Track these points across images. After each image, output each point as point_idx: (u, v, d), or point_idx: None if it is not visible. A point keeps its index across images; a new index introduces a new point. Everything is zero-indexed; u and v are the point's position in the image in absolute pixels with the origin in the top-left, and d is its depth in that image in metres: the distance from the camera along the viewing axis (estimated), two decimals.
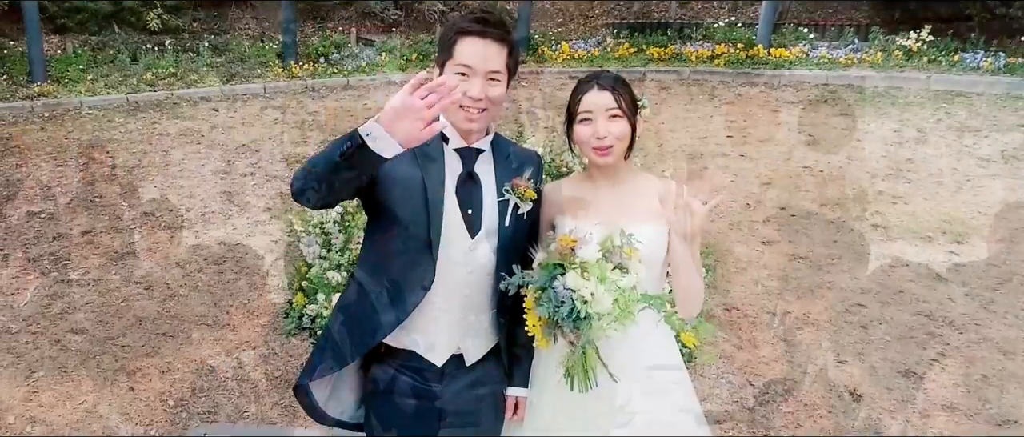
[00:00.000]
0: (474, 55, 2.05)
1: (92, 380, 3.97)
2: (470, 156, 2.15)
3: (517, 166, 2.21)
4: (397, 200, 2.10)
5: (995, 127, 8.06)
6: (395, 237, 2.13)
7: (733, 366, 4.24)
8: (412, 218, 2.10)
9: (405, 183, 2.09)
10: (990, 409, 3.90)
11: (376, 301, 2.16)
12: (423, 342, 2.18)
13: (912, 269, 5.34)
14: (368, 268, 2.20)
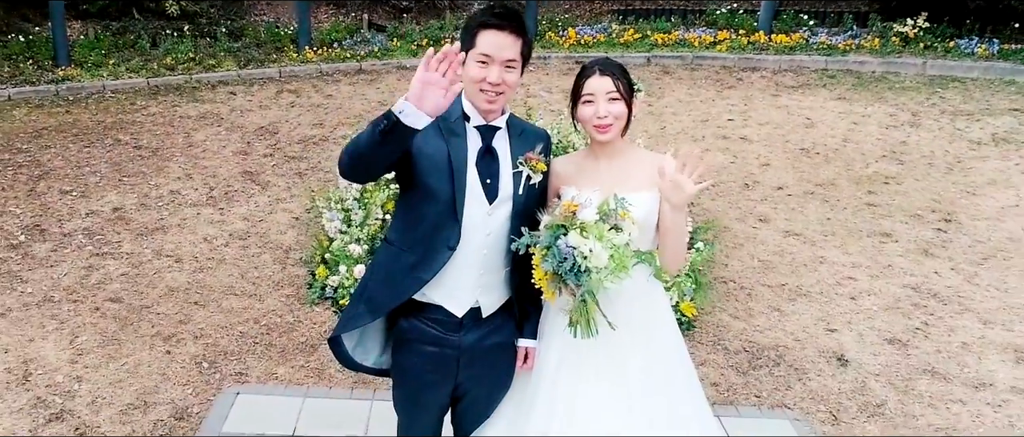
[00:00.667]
0: (493, 45, 2.28)
1: (131, 344, 4.23)
2: (489, 133, 2.38)
3: (529, 142, 2.44)
4: (426, 171, 2.33)
5: (987, 111, 8.24)
6: (424, 203, 2.36)
7: (729, 334, 4.47)
8: (438, 186, 2.33)
9: (433, 156, 2.32)
10: (967, 373, 4.13)
11: (408, 260, 2.39)
12: (446, 296, 2.42)
13: (901, 245, 5.56)
14: (400, 232, 2.44)
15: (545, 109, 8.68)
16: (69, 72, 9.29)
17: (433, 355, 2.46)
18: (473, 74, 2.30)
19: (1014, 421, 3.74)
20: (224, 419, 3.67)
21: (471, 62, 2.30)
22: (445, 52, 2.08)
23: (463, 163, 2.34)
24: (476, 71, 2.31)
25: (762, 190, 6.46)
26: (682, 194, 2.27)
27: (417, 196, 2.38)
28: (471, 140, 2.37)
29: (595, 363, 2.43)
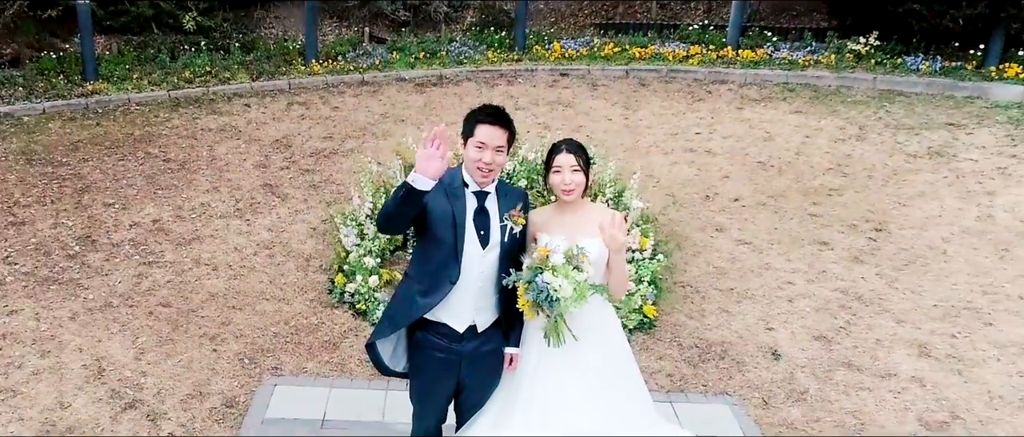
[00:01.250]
0: (487, 135, 2.99)
1: (183, 343, 4.91)
2: (482, 196, 3.08)
3: (512, 201, 3.14)
4: (435, 224, 3.03)
5: (926, 125, 8.96)
6: (433, 248, 3.07)
7: (684, 332, 5.19)
8: (444, 236, 3.04)
9: (440, 213, 3.02)
10: (877, 365, 4.87)
11: (420, 289, 3.10)
12: (450, 316, 3.12)
13: (836, 252, 6.28)
14: (415, 268, 3.15)
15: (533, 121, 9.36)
16: (97, 86, 9.86)
17: (441, 359, 3.17)
18: (472, 155, 3.00)
19: (908, 405, 4.47)
20: (266, 406, 4.36)
21: (471, 146, 3.00)
22: (435, 133, 2.79)
23: (463, 219, 3.04)
24: (474, 153, 3.00)
25: (721, 201, 7.17)
26: (616, 243, 2.98)
27: (428, 242, 3.09)
28: (469, 202, 3.07)
29: (564, 362, 3.14)
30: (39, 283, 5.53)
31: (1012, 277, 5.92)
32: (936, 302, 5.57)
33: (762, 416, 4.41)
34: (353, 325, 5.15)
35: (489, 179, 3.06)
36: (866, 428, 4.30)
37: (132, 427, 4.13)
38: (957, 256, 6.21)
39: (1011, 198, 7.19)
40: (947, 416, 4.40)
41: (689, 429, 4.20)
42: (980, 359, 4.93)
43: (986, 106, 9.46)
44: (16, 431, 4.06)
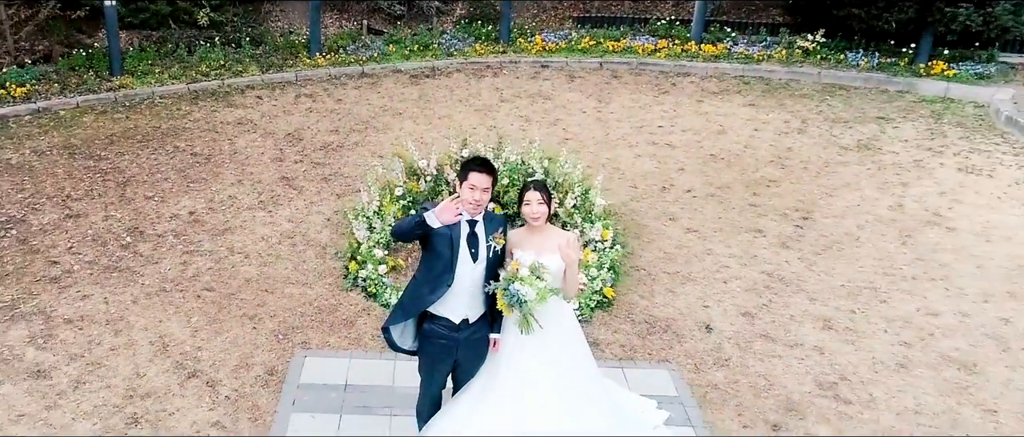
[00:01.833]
0: (477, 180, 3.89)
1: (228, 322, 5.82)
2: (473, 223, 3.99)
3: (495, 226, 4.04)
4: (437, 242, 3.94)
5: (859, 119, 9.87)
6: (435, 259, 3.98)
7: (636, 310, 6.14)
8: (443, 252, 3.95)
9: (442, 235, 3.93)
10: (789, 337, 5.84)
11: (425, 290, 4.02)
12: (448, 311, 4.05)
13: (768, 239, 7.23)
14: (422, 273, 4.07)
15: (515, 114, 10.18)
16: (123, 81, 10.57)
17: (443, 345, 4.11)
18: (465, 194, 3.90)
19: (808, 370, 5.46)
20: (299, 374, 5.30)
21: (465, 187, 3.90)
22: (455, 201, 3.70)
23: (458, 240, 3.96)
24: (467, 193, 3.90)
25: (675, 193, 8.08)
26: (569, 259, 3.91)
27: (432, 255, 4.00)
28: (463, 227, 3.97)
29: (534, 343, 4.08)
30: (102, 271, 6.39)
31: (910, 260, 6.90)
32: (843, 282, 6.55)
33: (693, 379, 5.38)
34: (366, 306, 6.06)
35: (478, 211, 3.97)
36: (773, 388, 5.29)
37: (196, 392, 5.06)
38: (867, 242, 7.18)
39: (921, 189, 8.14)
40: (837, 378, 5.39)
41: (635, 390, 5.20)
42: (871, 331, 5.92)
43: (914, 100, 10.37)
44: (104, 398, 4.98)
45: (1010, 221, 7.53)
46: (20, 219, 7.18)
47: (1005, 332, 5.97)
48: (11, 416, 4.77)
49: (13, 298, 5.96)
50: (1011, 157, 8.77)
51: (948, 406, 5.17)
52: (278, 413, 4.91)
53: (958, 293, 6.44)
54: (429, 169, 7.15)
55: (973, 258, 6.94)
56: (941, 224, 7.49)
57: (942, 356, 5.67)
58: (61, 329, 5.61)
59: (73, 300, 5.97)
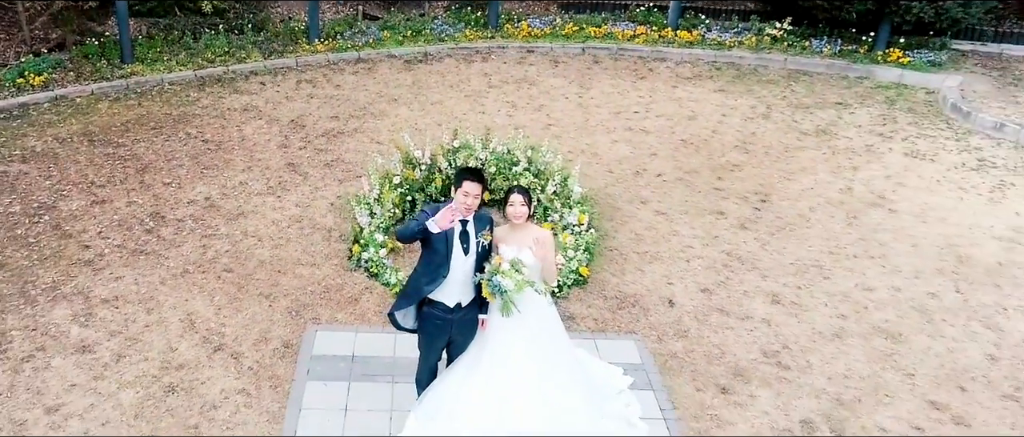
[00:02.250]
0: (469, 188, 4.47)
1: (247, 301, 6.40)
2: (465, 223, 4.57)
3: (483, 225, 4.63)
4: (435, 240, 4.53)
5: (820, 104, 10.43)
6: (432, 254, 4.57)
7: (608, 287, 6.77)
8: (440, 248, 4.54)
9: (439, 234, 4.51)
10: (741, 310, 6.49)
11: (424, 280, 4.62)
12: (444, 297, 4.65)
13: (728, 221, 7.85)
14: (421, 266, 4.66)
15: (503, 100, 10.68)
16: (135, 68, 10.98)
17: (440, 324, 4.73)
18: (459, 199, 4.48)
19: (756, 340, 6.12)
20: (312, 347, 5.91)
21: (459, 193, 4.48)
22: (451, 210, 4.26)
23: (452, 238, 4.54)
24: (461, 198, 4.48)
25: (647, 177, 8.66)
26: (542, 254, 4.50)
27: (430, 251, 4.59)
28: (456, 227, 4.56)
29: (514, 323, 4.69)
30: (130, 254, 6.95)
31: (853, 240, 7.54)
32: (793, 261, 7.19)
33: (656, 348, 6.03)
34: (368, 285, 6.66)
35: (469, 213, 4.55)
36: (724, 356, 5.94)
37: (223, 364, 5.67)
38: (817, 223, 7.81)
39: (870, 173, 8.76)
40: (780, 347, 6.06)
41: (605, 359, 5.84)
42: (813, 305, 6.58)
43: (871, 86, 10.93)
44: (143, 369, 5.58)
45: (946, 203, 8.17)
46: (51, 205, 7.69)
47: (930, 305, 6.64)
48: (64, 386, 5.37)
49: (54, 280, 6.51)
50: (953, 142, 9.38)
51: (873, 371, 5.85)
52: (295, 381, 5.53)
53: (893, 270, 7.10)
54: (424, 159, 7.69)
55: (909, 238, 7.59)
56: (884, 206, 8.12)
57: (873, 327, 6.34)
58: (99, 308, 6.19)
59: (107, 281, 6.54)
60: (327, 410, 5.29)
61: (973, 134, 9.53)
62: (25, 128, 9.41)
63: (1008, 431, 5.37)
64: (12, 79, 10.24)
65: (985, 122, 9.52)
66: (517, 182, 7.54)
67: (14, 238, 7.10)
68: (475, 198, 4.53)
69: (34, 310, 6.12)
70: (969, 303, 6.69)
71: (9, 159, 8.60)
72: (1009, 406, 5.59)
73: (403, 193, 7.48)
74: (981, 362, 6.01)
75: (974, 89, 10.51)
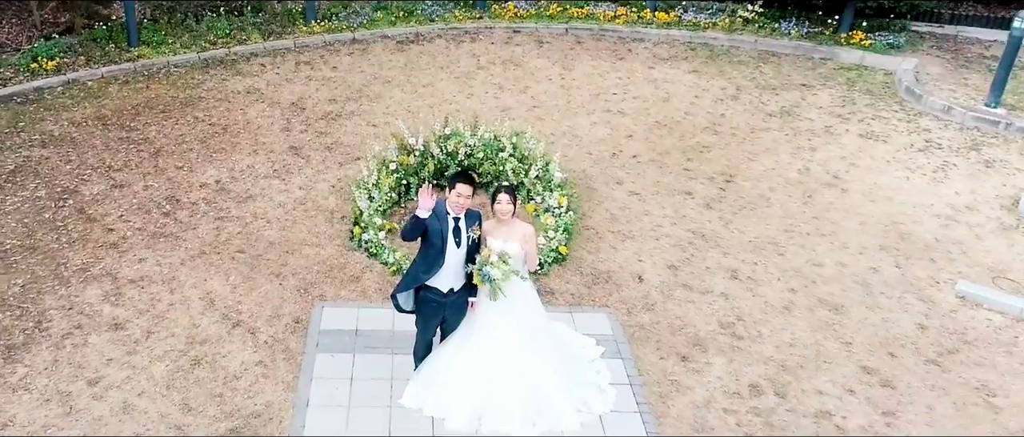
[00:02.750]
0: (461, 189, 5.00)
1: (259, 280, 6.91)
2: (457, 219, 5.09)
3: (472, 220, 5.14)
4: (432, 236, 5.06)
5: (785, 86, 10.87)
6: (429, 247, 5.11)
7: (584, 264, 7.31)
8: (436, 242, 5.07)
9: (435, 230, 5.04)
10: (702, 285, 7.05)
11: (422, 268, 5.16)
12: (440, 283, 5.19)
13: (695, 200, 8.36)
14: (420, 258, 5.20)
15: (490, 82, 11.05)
16: (141, 52, 11.23)
17: (435, 306, 5.29)
18: (452, 200, 5.00)
19: (714, 312, 6.70)
20: (320, 322, 6.45)
21: (452, 194, 5.00)
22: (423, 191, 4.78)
23: (446, 232, 5.07)
24: (454, 198, 5.00)
25: (623, 158, 9.13)
26: (528, 250, 5.03)
27: (427, 244, 5.13)
28: (450, 223, 5.08)
29: (500, 305, 5.24)
30: (151, 237, 7.41)
31: (808, 219, 8.09)
32: (752, 238, 7.74)
33: (625, 320, 6.60)
34: (368, 264, 7.17)
35: (461, 211, 5.08)
36: (685, 327, 6.53)
37: (241, 338, 6.20)
38: (776, 202, 8.34)
39: (826, 154, 9.27)
40: (735, 319, 6.65)
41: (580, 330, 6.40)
42: (767, 280, 7.16)
43: (834, 68, 11.36)
44: (171, 344, 6.11)
45: (893, 183, 8.72)
46: (74, 190, 8.11)
47: (871, 279, 7.24)
48: (102, 360, 5.90)
49: (83, 262, 6.99)
50: (904, 124, 9.89)
51: (816, 340, 6.46)
52: (306, 354, 6.09)
53: (841, 246, 7.67)
54: (417, 146, 8.14)
55: (858, 216, 8.15)
56: (838, 186, 8.66)
57: (819, 300, 6.94)
58: (127, 288, 6.69)
59: (132, 263, 7.02)
60: (335, 379, 5.85)
61: (923, 116, 10.02)
62: (42, 112, 9.73)
63: (928, 392, 6.01)
64: (26, 63, 10.52)
65: (935, 105, 10.01)
66: (504, 167, 8.03)
67: (43, 222, 7.54)
68: (467, 198, 5.04)
69: (68, 291, 6.61)
70: (906, 277, 7.29)
71: (30, 144, 8.96)
72: (931, 370, 6.22)
73: (399, 178, 7.94)
74: (911, 331, 6.63)
75: (928, 71, 10.96)
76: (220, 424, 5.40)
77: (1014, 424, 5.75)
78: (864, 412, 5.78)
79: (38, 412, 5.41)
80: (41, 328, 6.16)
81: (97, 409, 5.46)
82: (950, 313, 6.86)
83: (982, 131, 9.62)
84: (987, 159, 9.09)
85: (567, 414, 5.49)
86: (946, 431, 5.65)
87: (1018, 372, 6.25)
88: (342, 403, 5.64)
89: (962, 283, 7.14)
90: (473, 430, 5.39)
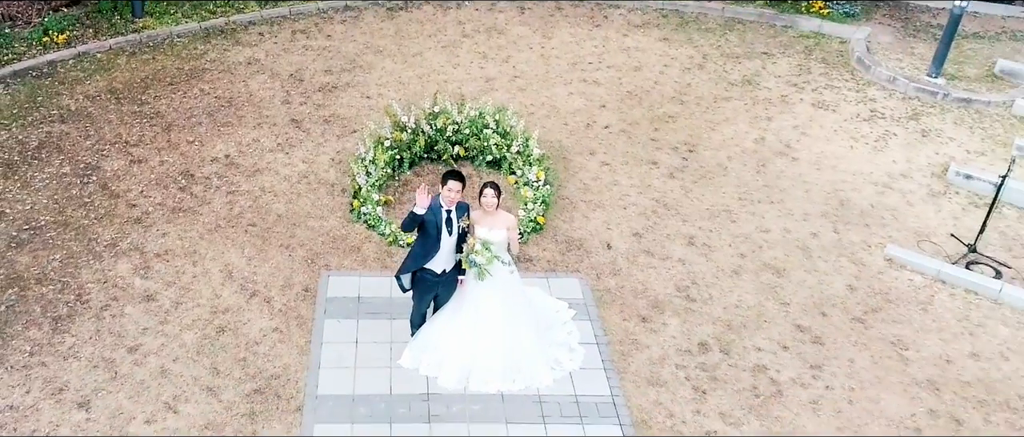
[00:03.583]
0: (453, 185, 5.51)
1: (271, 251, 7.40)
2: (450, 211, 5.61)
3: (462, 212, 5.66)
4: (429, 227, 5.59)
5: (749, 54, 11.18)
6: (426, 235, 5.65)
7: (559, 232, 7.84)
8: (432, 231, 5.61)
9: (432, 221, 5.58)
10: (663, 251, 7.63)
11: (420, 252, 5.71)
12: (435, 265, 5.76)
13: (659, 170, 8.85)
14: (417, 244, 5.75)
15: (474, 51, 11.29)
16: (145, 23, 11.33)
17: (429, 284, 5.88)
18: (444, 194, 5.51)
19: (671, 277, 7.30)
20: (327, 290, 7.00)
21: (445, 189, 5.50)
22: (420, 191, 5.27)
23: (440, 223, 5.60)
24: (446, 193, 5.51)
25: (596, 129, 9.54)
26: (513, 234, 5.57)
27: (424, 235, 5.67)
28: (442, 214, 5.59)
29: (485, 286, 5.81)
30: (170, 212, 7.85)
31: (760, 187, 8.62)
32: (708, 206, 8.28)
33: (594, 285, 7.20)
34: (367, 235, 7.67)
35: (452, 204, 5.61)
36: (646, 291, 7.14)
37: (259, 306, 6.75)
38: (732, 171, 8.85)
39: (781, 123, 9.72)
40: (689, 283, 7.26)
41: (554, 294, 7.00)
42: (720, 246, 7.74)
43: (793, 36, 11.66)
44: (197, 314, 6.65)
45: (838, 151, 9.22)
46: (96, 166, 8.47)
47: (811, 244, 7.84)
48: (139, 329, 6.45)
49: (112, 238, 7.45)
50: (854, 93, 10.31)
51: (758, 301, 7.11)
52: (316, 320, 6.66)
53: (787, 213, 8.24)
54: (409, 123, 8.51)
55: (805, 184, 8.69)
56: (789, 155, 9.16)
57: (764, 264, 7.55)
58: (154, 262, 7.18)
59: (156, 238, 7.48)
60: (342, 343, 6.46)
61: (871, 85, 10.44)
62: (57, 86, 9.94)
63: (851, 347, 6.70)
64: (38, 38, 10.64)
65: (881, 75, 10.41)
66: (488, 142, 8.45)
67: (71, 198, 7.94)
68: (457, 192, 5.57)
69: (102, 265, 7.09)
70: (842, 241, 7.90)
71: (50, 119, 9.24)
72: (855, 327, 6.91)
73: (393, 154, 8.35)
74: (842, 292, 7.29)
75: (879, 41, 11.30)
76: (245, 385, 6.02)
77: (920, 374, 6.47)
78: (795, 366, 6.48)
79: (89, 377, 5.99)
80: (82, 301, 6.68)
81: (139, 374, 6.04)
82: (878, 274, 7.51)
83: (922, 101, 10.08)
84: (924, 128, 9.59)
85: (541, 372, 6.14)
86: (863, 382, 6.37)
87: (930, 328, 6.95)
88: (349, 365, 6.26)
89: (890, 247, 7.76)
90: (462, 387, 6.05)
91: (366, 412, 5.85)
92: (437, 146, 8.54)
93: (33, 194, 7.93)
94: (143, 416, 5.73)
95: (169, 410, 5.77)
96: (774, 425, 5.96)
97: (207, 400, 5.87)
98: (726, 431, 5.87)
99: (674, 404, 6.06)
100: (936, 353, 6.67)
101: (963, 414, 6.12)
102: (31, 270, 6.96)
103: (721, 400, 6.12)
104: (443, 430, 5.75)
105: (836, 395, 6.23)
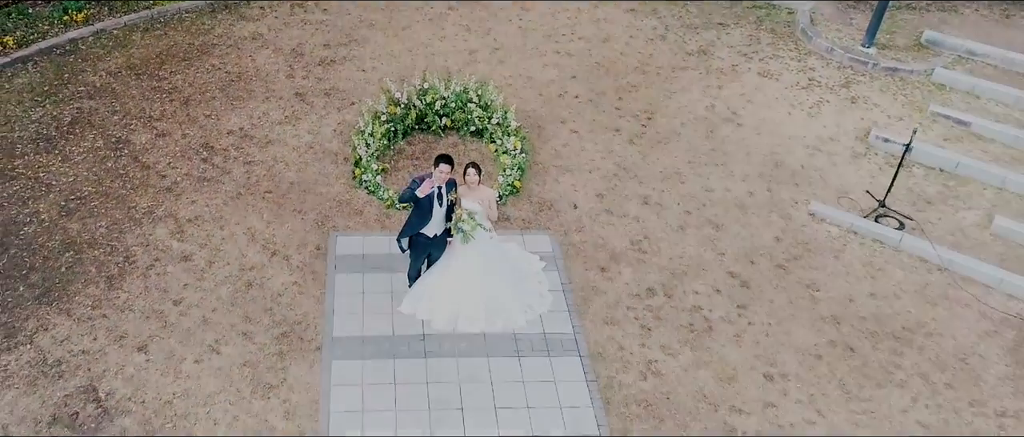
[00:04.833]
0: (443, 167, 6.39)
1: (287, 216, 8.27)
2: (441, 187, 6.51)
3: (450, 188, 6.55)
4: (423, 201, 6.49)
5: (706, 25, 11.85)
6: (421, 208, 6.57)
7: (533, 195, 8.75)
8: (425, 205, 6.53)
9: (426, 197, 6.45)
10: (621, 210, 8.57)
11: (417, 220, 6.65)
12: (428, 230, 6.69)
13: (621, 136, 9.69)
14: (414, 214, 6.67)
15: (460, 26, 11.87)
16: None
17: (424, 244, 6.83)
18: (435, 174, 6.38)
19: (627, 233, 8.27)
20: (335, 248, 7.93)
21: (436, 171, 6.37)
22: (428, 184, 6.17)
23: (433, 198, 6.50)
24: (437, 174, 6.39)
25: (567, 99, 10.31)
26: (490, 206, 6.49)
27: (420, 207, 6.58)
28: (434, 190, 6.48)
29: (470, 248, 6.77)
30: (196, 181, 8.66)
31: (707, 151, 9.51)
32: (661, 169, 9.19)
33: (562, 240, 8.16)
34: (368, 200, 8.54)
35: (443, 182, 6.49)
36: (606, 245, 8.12)
37: (279, 264, 7.68)
38: (684, 137, 9.71)
39: (730, 92, 10.53)
40: (642, 237, 8.24)
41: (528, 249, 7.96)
42: (670, 204, 8.69)
43: (748, 6, 12.29)
44: (228, 272, 7.57)
45: (777, 117, 10.08)
46: (126, 140, 9.20)
47: (748, 202, 8.81)
48: (180, 286, 7.38)
49: (148, 206, 8.28)
50: (796, 63, 11.08)
51: (698, 252, 8.12)
52: (328, 275, 7.61)
53: (728, 175, 9.17)
54: (402, 99, 9.26)
55: (746, 148, 9.58)
56: (735, 121, 10.01)
57: (706, 220, 8.53)
58: (187, 226, 8.05)
59: (186, 205, 8.32)
60: (351, 294, 7.44)
61: (811, 55, 11.20)
62: (80, 63, 10.51)
63: (772, 289, 7.76)
64: (59, 16, 11.13)
65: (820, 45, 11.17)
66: (471, 115, 9.24)
67: (107, 171, 8.72)
68: (447, 173, 6.45)
69: (143, 230, 7.96)
70: (774, 199, 8.87)
71: (78, 96, 9.88)
72: (777, 272, 7.96)
73: (388, 128, 9.14)
74: (769, 242, 8.30)
75: (822, 12, 11.99)
76: (273, 330, 7.01)
77: (826, 311, 7.57)
78: (725, 306, 7.55)
79: (144, 326, 6.95)
80: (129, 261, 7.58)
81: (185, 323, 7.01)
82: (801, 227, 8.52)
83: (855, 70, 10.89)
84: (854, 96, 10.44)
85: (517, 315, 7.18)
86: (780, 318, 7.46)
87: (839, 272, 8.01)
88: (357, 311, 7.25)
89: (814, 203, 8.75)
90: (451, 328, 7.08)
91: (373, 350, 6.89)
92: (427, 118, 9.33)
93: (74, 167, 8.69)
94: (192, 356, 6.73)
95: (213, 351, 6.77)
96: (704, 355, 7.06)
97: (243, 343, 6.87)
98: (664, 360, 6.97)
99: (624, 339, 7.13)
100: (842, 293, 7.76)
101: (857, 343, 7.25)
102: (82, 236, 7.82)
103: (662, 335, 7.20)
104: (436, 363, 6.81)
105: (756, 330, 7.32)
